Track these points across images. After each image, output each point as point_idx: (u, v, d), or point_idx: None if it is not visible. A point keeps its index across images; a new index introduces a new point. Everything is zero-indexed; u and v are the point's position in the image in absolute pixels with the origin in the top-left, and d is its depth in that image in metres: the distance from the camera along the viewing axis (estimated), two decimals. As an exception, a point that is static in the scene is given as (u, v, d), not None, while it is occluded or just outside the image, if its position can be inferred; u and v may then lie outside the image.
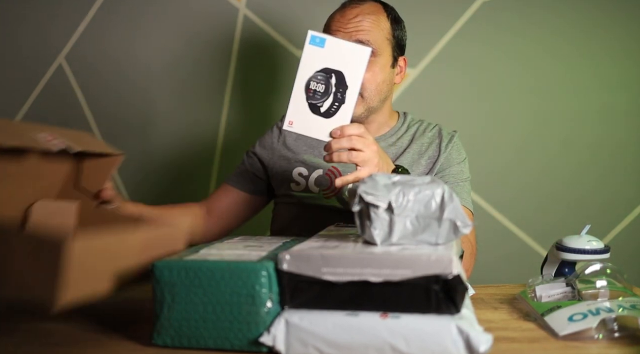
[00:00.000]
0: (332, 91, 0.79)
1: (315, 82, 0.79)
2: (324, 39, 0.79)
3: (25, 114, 1.65)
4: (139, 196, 1.65)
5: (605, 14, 1.55)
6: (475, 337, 0.56)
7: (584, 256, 0.83)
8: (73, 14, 1.63)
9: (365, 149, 0.82)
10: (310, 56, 0.79)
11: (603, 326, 0.65)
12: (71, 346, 0.67)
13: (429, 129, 1.18)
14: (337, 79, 0.79)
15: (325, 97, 0.79)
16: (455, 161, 1.14)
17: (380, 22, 1.09)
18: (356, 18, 1.07)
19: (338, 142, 0.80)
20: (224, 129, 1.63)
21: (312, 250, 0.62)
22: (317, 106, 0.79)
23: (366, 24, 1.07)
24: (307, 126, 0.80)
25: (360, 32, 1.06)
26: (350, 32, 1.06)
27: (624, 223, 1.59)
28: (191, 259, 0.65)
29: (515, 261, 1.58)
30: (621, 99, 1.57)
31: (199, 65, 1.62)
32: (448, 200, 0.63)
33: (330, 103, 0.79)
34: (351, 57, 0.79)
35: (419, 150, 1.14)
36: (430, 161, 1.13)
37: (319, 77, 0.79)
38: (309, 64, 0.79)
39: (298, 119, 0.80)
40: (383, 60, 1.09)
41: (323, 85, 0.79)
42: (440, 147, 1.14)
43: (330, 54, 0.79)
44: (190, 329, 0.63)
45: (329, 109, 0.79)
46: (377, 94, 1.09)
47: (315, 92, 0.79)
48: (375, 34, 1.07)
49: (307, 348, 0.59)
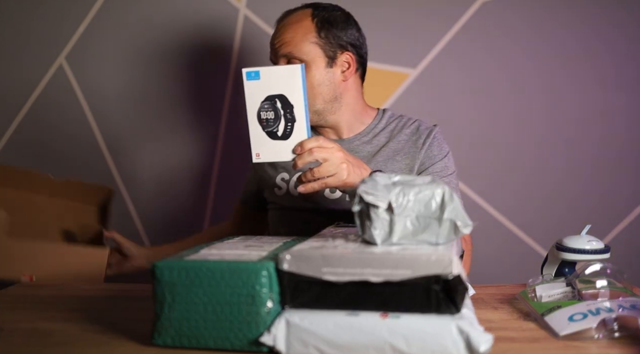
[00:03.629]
0: (281, 114, 0.84)
1: (264, 112, 0.84)
2: (258, 71, 0.84)
3: (25, 114, 1.65)
4: (139, 196, 1.65)
5: (607, 13, 1.55)
6: (475, 337, 0.56)
7: (584, 256, 0.83)
8: (73, 14, 1.63)
9: (330, 156, 0.85)
10: (251, 90, 0.84)
11: (603, 326, 0.65)
12: (71, 346, 0.67)
13: (407, 126, 1.17)
14: (281, 102, 0.84)
15: (278, 122, 0.84)
16: (437, 157, 1.13)
17: (302, 28, 1.11)
18: (279, 32, 1.12)
19: (301, 158, 0.84)
20: (224, 129, 1.63)
21: (312, 250, 0.62)
22: (273, 132, 0.85)
23: (287, 36, 1.10)
24: (272, 152, 0.85)
25: (283, 46, 1.10)
26: (276, 48, 1.12)
27: (624, 223, 1.59)
28: (191, 259, 0.65)
29: (515, 261, 1.58)
30: (622, 99, 1.57)
31: (199, 65, 1.62)
32: (448, 200, 0.63)
33: (284, 125, 0.84)
34: (286, 77, 0.84)
35: (395, 147, 1.14)
36: (407, 157, 1.12)
37: (265, 106, 0.84)
38: (253, 98, 0.84)
39: (262, 149, 0.85)
40: (316, 64, 1.10)
41: (272, 112, 0.84)
42: (417, 144, 1.13)
43: (268, 82, 0.84)
44: (190, 329, 0.63)
45: (284, 131, 0.84)
46: (322, 94, 1.11)
47: (267, 120, 0.84)
48: (298, 41, 1.10)
49: (308, 348, 0.59)
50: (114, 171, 1.65)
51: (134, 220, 1.65)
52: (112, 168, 1.65)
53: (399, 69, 1.58)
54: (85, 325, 0.74)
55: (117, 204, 1.65)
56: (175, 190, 1.64)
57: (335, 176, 0.85)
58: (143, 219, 1.65)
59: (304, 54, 1.09)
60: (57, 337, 0.70)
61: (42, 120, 1.65)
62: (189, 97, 1.63)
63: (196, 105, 1.63)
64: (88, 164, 1.65)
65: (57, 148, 1.65)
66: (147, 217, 1.65)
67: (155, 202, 1.65)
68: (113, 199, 1.33)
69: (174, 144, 1.64)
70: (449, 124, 1.58)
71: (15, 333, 0.71)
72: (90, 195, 1.29)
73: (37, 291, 0.95)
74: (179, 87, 1.63)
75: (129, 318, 0.76)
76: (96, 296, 0.90)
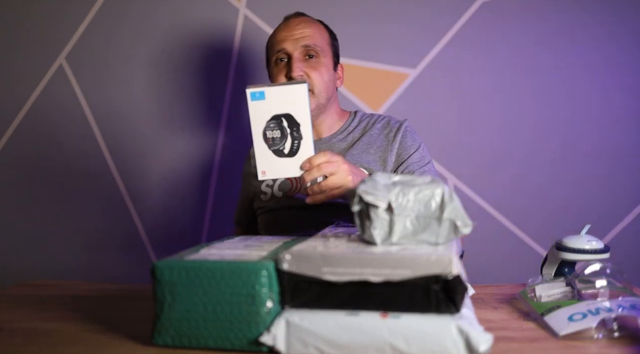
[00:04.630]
0: (287, 133, 0.85)
1: (270, 130, 0.85)
2: (263, 92, 0.84)
3: (25, 114, 1.65)
4: (138, 195, 1.65)
5: (607, 16, 1.55)
6: (475, 337, 0.56)
7: (584, 256, 0.83)
8: (74, 15, 1.63)
9: (337, 170, 0.88)
10: (256, 110, 0.84)
11: (603, 326, 0.65)
12: (71, 346, 0.67)
13: (378, 121, 1.25)
14: (287, 121, 0.85)
15: (284, 140, 0.85)
16: (412, 148, 1.19)
17: (321, 30, 1.22)
18: (299, 25, 1.19)
19: (310, 174, 0.86)
20: (224, 128, 1.63)
21: (312, 250, 0.62)
22: (280, 150, 0.85)
23: (310, 30, 1.19)
24: (278, 169, 0.86)
25: (306, 37, 1.17)
26: (297, 38, 1.17)
27: (624, 223, 1.59)
28: (191, 259, 0.65)
29: (515, 261, 1.58)
30: (622, 99, 1.57)
31: (199, 65, 1.62)
32: (448, 200, 0.63)
33: (290, 143, 0.85)
34: (292, 96, 0.84)
35: (367, 141, 1.21)
36: (379, 150, 1.19)
37: (271, 125, 0.85)
38: (259, 118, 0.85)
39: (268, 166, 0.86)
40: (327, 61, 1.20)
41: (278, 130, 0.85)
42: (388, 137, 1.20)
43: (273, 102, 0.84)
44: (190, 329, 0.63)
45: (291, 149, 0.85)
46: (324, 91, 1.19)
47: (273, 139, 0.85)
48: (319, 38, 1.19)
49: (308, 348, 0.59)
50: (114, 171, 1.65)
51: (134, 220, 1.65)
52: (112, 168, 1.65)
53: (399, 69, 1.58)
54: (85, 325, 0.74)
55: (117, 204, 1.65)
56: (175, 190, 1.64)
57: (342, 188, 0.88)
58: (143, 218, 1.65)
59: (323, 51, 1.19)
60: (57, 337, 0.70)
61: (42, 120, 1.65)
62: (189, 97, 1.63)
63: (196, 105, 1.63)
64: (88, 164, 1.65)
65: (57, 148, 1.65)
66: (147, 217, 1.65)
67: (155, 202, 1.65)
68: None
69: (173, 143, 1.64)
70: (448, 123, 1.58)
71: (15, 333, 0.71)
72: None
73: (37, 291, 0.95)
74: (179, 87, 1.63)
75: (129, 318, 0.76)
76: (96, 296, 0.90)
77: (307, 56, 1.18)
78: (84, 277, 1.64)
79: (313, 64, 1.18)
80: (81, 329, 0.72)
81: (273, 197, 1.20)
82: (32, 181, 1.67)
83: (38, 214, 1.67)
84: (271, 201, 1.20)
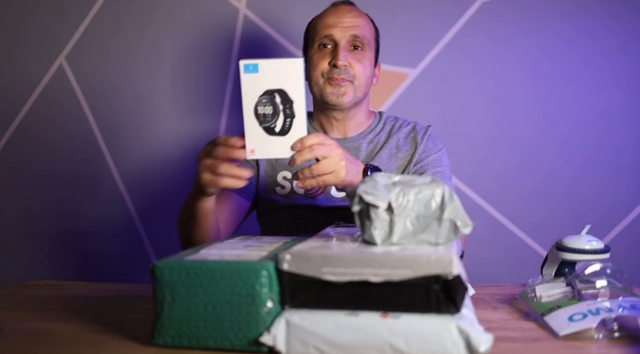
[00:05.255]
0: (280, 110, 0.81)
1: (262, 106, 0.81)
2: (256, 65, 0.81)
3: (25, 114, 1.65)
4: (139, 197, 1.65)
5: (607, 15, 1.55)
6: (475, 337, 0.56)
7: (584, 256, 0.83)
8: (74, 15, 1.63)
9: (329, 153, 0.84)
10: (249, 84, 0.81)
11: (603, 326, 0.65)
12: (71, 346, 0.67)
13: (404, 125, 1.23)
14: (281, 97, 0.81)
15: (276, 117, 0.81)
16: (432, 151, 1.18)
17: (369, 23, 1.19)
18: (350, 14, 1.15)
19: (301, 155, 0.81)
20: (224, 129, 1.63)
21: (312, 250, 0.62)
22: (271, 127, 0.81)
23: (360, 20, 1.15)
24: (268, 148, 0.81)
25: (356, 27, 1.14)
26: (347, 26, 1.13)
27: (624, 223, 1.59)
28: (192, 259, 0.65)
29: (515, 261, 1.58)
30: (621, 99, 1.57)
31: (199, 66, 1.62)
32: (448, 200, 0.63)
33: (282, 121, 0.81)
34: (286, 72, 0.81)
35: (395, 144, 1.19)
36: (408, 154, 1.18)
37: (263, 100, 0.81)
38: (251, 92, 0.81)
39: (258, 145, 0.81)
40: (370, 56, 1.17)
41: (270, 106, 0.81)
42: (416, 140, 1.19)
43: (267, 76, 0.80)
44: (190, 329, 0.63)
45: (283, 127, 0.81)
46: (365, 85, 1.16)
47: (264, 115, 0.81)
48: (368, 31, 1.16)
49: (308, 348, 0.59)
50: (114, 171, 1.65)
51: (134, 220, 1.65)
52: (112, 168, 1.65)
53: (399, 69, 1.58)
54: (85, 325, 0.74)
55: (117, 204, 1.65)
56: (175, 190, 1.64)
57: (334, 173, 0.84)
58: (143, 218, 1.65)
59: (369, 44, 1.16)
60: (56, 337, 0.70)
61: (42, 120, 1.65)
62: (188, 97, 1.63)
63: (196, 105, 1.63)
64: (88, 164, 1.65)
65: (57, 148, 1.65)
66: (147, 217, 1.65)
67: (155, 202, 1.65)
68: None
69: (174, 144, 1.64)
70: (449, 123, 1.58)
71: (15, 333, 0.71)
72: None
73: (37, 291, 0.95)
74: (178, 87, 1.63)
75: (129, 318, 0.76)
76: (96, 296, 0.90)
77: (352, 47, 1.14)
78: (84, 277, 1.64)
79: (358, 55, 1.14)
80: (81, 329, 0.72)
81: (292, 193, 1.15)
82: (32, 181, 1.67)
83: (38, 214, 1.67)
84: (289, 197, 1.15)
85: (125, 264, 1.65)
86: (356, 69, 1.13)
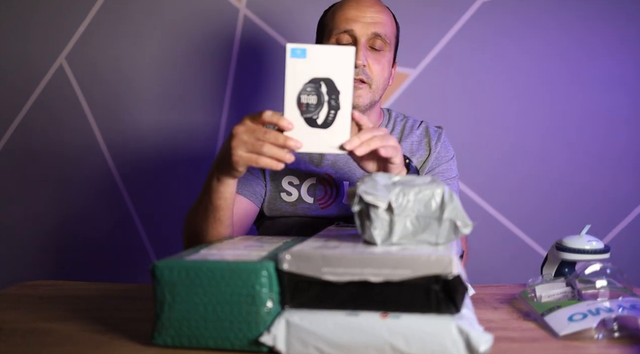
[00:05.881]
0: (325, 100, 0.75)
1: (306, 95, 0.75)
2: (305, 49, 0.75)
3: (25, 114, 1.65)
4: (139, 197, 1.65)
5: (607, 14, 1.55)
6: (475, 337, 0.56)
7: (584, 256, 0.83)
8: (74, 15, 1.63)
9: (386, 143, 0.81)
10: (294, 70, 0.75)
11: (603, 326, 0.65)
12: (71, 346, 0.67)
13: (415, 127, 1.16)
14: (327, 87, 0.75)
15: (319, 108, 0.75)
16: (444, 159, 1.13)
17: (392, 20, 1.10)
18: (373, 8, 1.05)
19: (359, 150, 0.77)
20: (224, 129, 1.63)
21: (312, 250, 0.62)
22: (313, 119, 0.75)
23: (383, 16, 1.05)
24: (308, 141, 0.75)
25: (378, 24, 1.04)
26: (369, 22, 1.03)
27: (624, 223, 1.59)
28: (192, 259, 0.65)
29: (515, 261, 1.58)
30: (621, 99, 1.57)
31: (199, 66, 1.62)
32: (448, 200, 0.63)
33: (326, 113, 0.75)
34: (336, 60, 0.75)
35: (409, 149, 1.12)
36: (421, 160, 1.12)
37: (308, 89, 0.75)
38: (295, 78, 0.75)
39: (297, 137, 0.75)
40: (390, 56, 1.08)
41: (315, 96, 0.75)
42: (430, 145, 1.13)
43: (315, 63, 0.75)
44: (190, 329, 0.63)
45: (326, 119, 0.75)
46: (382, 88, 1.08)
47: (308, 105, 0.75)
48: (389, 29, 1.07)
49: (308, 348, 0.59)
50: (113, 171, 1.65)
51: (134, 220, 1.65)
52: (112, 168, 1.65)
53: (399, 69, 1.58)
54: (85, 325, 0.74)
55: (117, 204, 1.65)
56: (175, 190, 1.64)
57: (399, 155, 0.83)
58: (143, 218, 1.65)
59: (390, 43, 1.07)
60: (56, 337, 0.70)
61: (43, 120, 1.65)
62: (188, 98, 1.63)
63: (196, 105, 1.63)
64: (88, 164, 1.65)
65: (57, 148, 1.65)
66: (148, 217, 1.65)
67: (155, 202, 1.65)
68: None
69: (174, 144, 1.64)
70: (449, 123, 1.57)
71: (15, 333, 0.71)
72: None
73: (37, 291, 0.94)
74: (178, 87, 1.63)
75: (129, 318, 0.76)
76: (96, 296, 0.90)
77: (372, 46, 1.04)
78: (84, 277, 1.64)
79: (378, 56, 1.05)
80: (81, 329, 0.72)
81: (299, 201, 1.06)
82: (31, 181, 1.67)
83: (38, 214, 1.67)
84: (297, 205, 1.06)
85: (125, 264, 1.65)
86: (375, 70, 1.04)
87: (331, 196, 1.07)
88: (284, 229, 1.07)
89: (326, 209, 1.06)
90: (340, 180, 1.08)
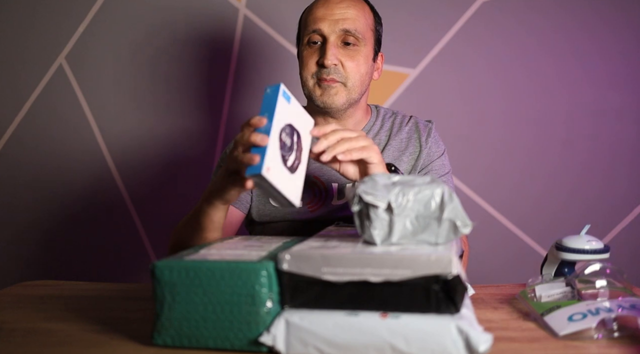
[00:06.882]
0: (295, 148, 0.76)
1: (285, 134, 0.75)
2: (290, 97, 0.77)
3: (25, 114, 1.65)
4: (139, 197, 1.65)
5: (605, 14, 1.56)
6: (475, 337, 0.56)
7: (583, 256, 0.83)
8: (73, 14, 1.63)
9: (364, 141, 0.81)
10: (282, 108, 0.75)
11: (602, 326, 0.65)
12: (71, 346, 0.67)
13: (404, 123, 1.13)
14: (297, 138, 0.77)
15: (291, 152, 0.76)
16: (435, 155, 1.11)
17: (366, 12, 1.07)
18: (341, 4, 1.03)
19: (325, 157, 0.78)
20: (224, 129, 1.63)
21: (312, 250, 0.62)
22: (285, 158, 0.74)
23: (353, 11, 1.03)
24: (280, 178, 0.73)
25: (347, 20, 1.01)
26: (337, 19, 1.01)
27: (624, 223, 1.59)
28: (191, 259, 0.65)
29: (515, 261, 1.58)
30: (621, 99, 1.57)
31: (199, 66, 1.62)
32: (448, 200, 0.63)
33: (293, 159, 0.76)
34: (303, 121, 0.79)
35: (398, 147, 1.10)
36: (412, 157, 1.10)
37: (287, 130, 0.76)
38: (281, 116, 0.75)
39: (274, 167, 0.72)
40: (366, 51, 1.05)
41: (290, 139, 0.76)
42: (420, 141, 1.11)
43: (293, 112, 0.78)
44: (190, 329, 0.63)
45: (292, 165, 0.75)
46: (359, 85, 1.05)
47: (284, 144, 0.74)
48: (361, 23, 1.03)
49: (307, 348, 0.59)
50: (113, 171, 1.65)
51: (134, 220, 1.65)
52: (112, 168, 1.65)
53: (399, 69, 1.58)
54: (85, 325, 0.74)
55: (117, 204, 1.65)
56: (175, 190, 1.64)
57: (377, 155, 0.83)
58: (143, 218, 1.65)
59: (365, 37, 1.04)
60: (56, 337, 0.70)
61: (42, 120, 1.65)
62: (188, 98, 1.63)
63: (196, 105, 1.63)
64: (88, 164, 1.65)
65: (57, 148, 1.65)
66: (147, 217, 1.65)
67: (155, 202, 1.65)
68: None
69: (173, 144, 1.64)
70: (449, 123, 1.58)
71: (15, 333, 0.71)
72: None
73: (37, 291, 0.95)
74: (178, 87, 1.63)
75: (129, 318, 0.76)
76: (96, 296, 0.90)
77: (344, 42, 1.02)
78: (84, 277, 1.64)
79: (351, 52, 1.02)
80: (81, 329, 0.72)
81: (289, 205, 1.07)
82: (31, 181, 1.67)
83: (38, 214, 1.67)
84: (284, 210, 1.04)
85: (125, 264, 1.65)
86: (348, 68, 1.01)
87: (320, 199, 1.05)
88: (275, 234, 1.05)
89: (315, 212, 1.05)
90: (329, 182, 1.06)
